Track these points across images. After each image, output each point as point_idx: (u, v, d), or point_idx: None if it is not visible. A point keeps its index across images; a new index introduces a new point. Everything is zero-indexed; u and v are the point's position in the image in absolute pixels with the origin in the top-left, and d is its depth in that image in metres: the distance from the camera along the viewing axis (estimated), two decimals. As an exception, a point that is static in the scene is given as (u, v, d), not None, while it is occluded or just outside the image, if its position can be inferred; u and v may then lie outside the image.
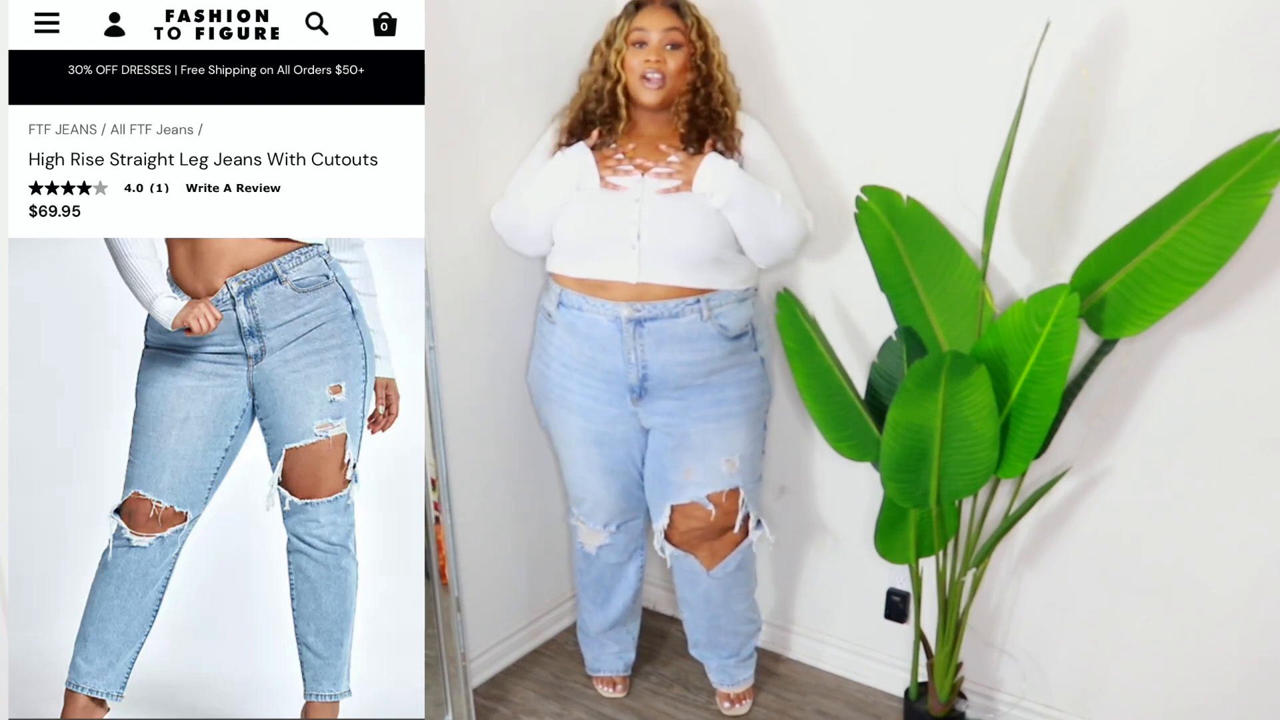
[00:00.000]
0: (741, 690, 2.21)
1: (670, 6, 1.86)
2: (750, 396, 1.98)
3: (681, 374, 1.91)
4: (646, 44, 1.85)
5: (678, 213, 1.85)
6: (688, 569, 2.07)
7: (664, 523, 2.02)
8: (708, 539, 2.03)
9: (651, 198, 1.85)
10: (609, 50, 1.89)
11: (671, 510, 2.00)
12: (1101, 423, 1.86)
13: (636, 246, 1.84)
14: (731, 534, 2.03)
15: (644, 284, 1.86)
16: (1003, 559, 2.05)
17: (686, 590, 2.12)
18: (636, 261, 1.85)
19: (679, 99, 1.88)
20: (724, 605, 2.11)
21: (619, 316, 1.87)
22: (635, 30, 1.85)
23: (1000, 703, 2.14)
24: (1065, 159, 1.77)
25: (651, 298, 1.87)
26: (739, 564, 2.07)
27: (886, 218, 1.86)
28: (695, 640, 2.20)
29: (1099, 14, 1.68)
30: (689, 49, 1.86)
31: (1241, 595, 1.81)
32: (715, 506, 1.98)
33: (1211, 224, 1.57)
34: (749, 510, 2.02)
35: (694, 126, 1.88)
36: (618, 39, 1.87)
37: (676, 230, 1.84)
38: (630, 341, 1.88)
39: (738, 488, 1.99)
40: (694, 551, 2.04)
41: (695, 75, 1.88)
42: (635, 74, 1.86)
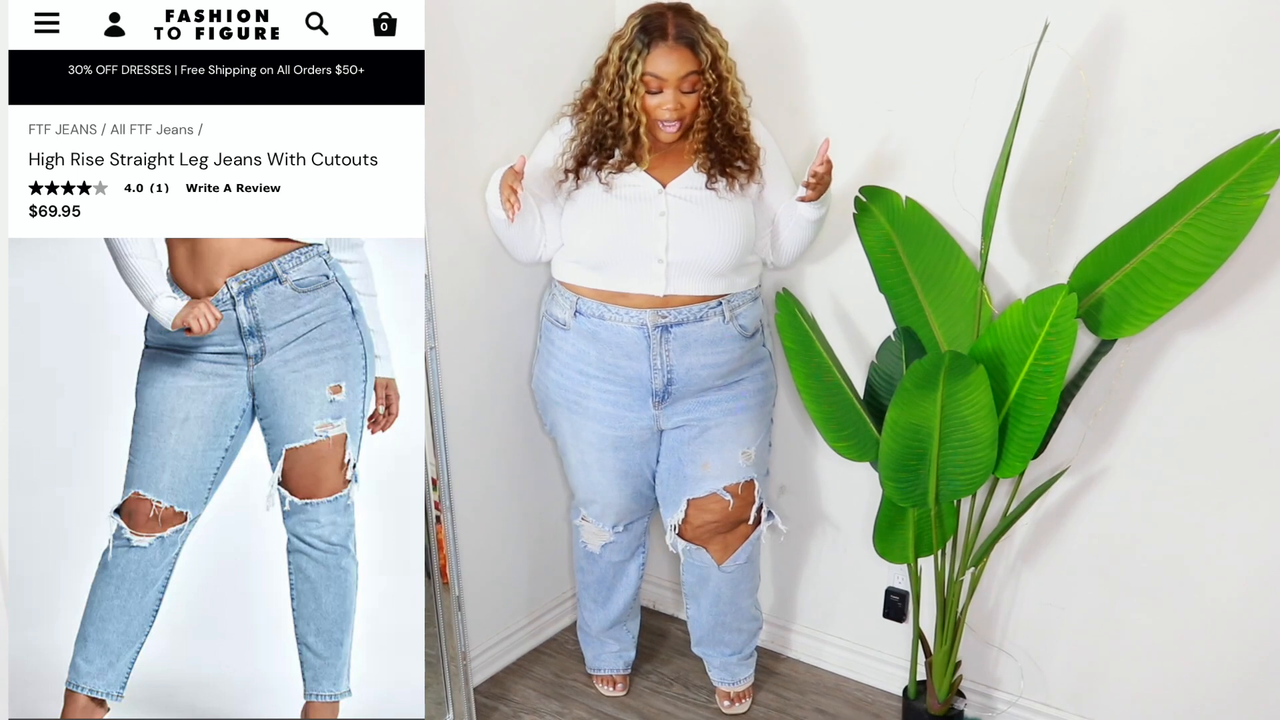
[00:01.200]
0: (742, 689, 2.21)
1: (686, 44, 1.76)
2: (762, 390, 2.01)
3: (706, 376, 1.92)
4: (662, 90, 1.77)
5: (703, 224, 1.85)
6: (699, 564, 2.07)
7: (679, 517, 2.02)
8: (721, 532, 2.03)
9: (677, 211, 1.85)
10: (622, 86, 1.78)
11: (688, 504, 2.01)
12: (1099, 422, 1.87)
13: (664, 260, 1.84)
14: (743, 526, 2.04)
15: (669, 295, 1.87)
16: (1001, 558, 2.06)
17: (695, 586, 2.12)
18: (664, 275, 1.85)
19: (696, 125, 1.83)
20: (731, 602, 2.12)
21: (644, 324, 1.87)
22: (649, 75, 1.77)
23: (999, 701, 2.14)
24: (1063, 160, 1.77)
25: (676, 304, 1.88)
26: (748, 557, 2.08)
27: (885, 218, 1.86)
28: (699, 638, 2.20)
29: (1097, 15, 1.69)
30: (704, 87, 1.79)
31: (1239, 594, 1.82)
32: (733, 497, 1.99)
33: (1209, 225, 1.58)
34: (761, 501, 2.03)
35: (713, 150, 1.84)
36: (630, 76, 1.77)
37: (704, 242, 1.84)
38: (657, 347, 1.88)
39: (753, 479, 2.01)
40: (706, 546, 2.04)
41: (710, 112, 1.81)
42: (650, 115, 1.80)
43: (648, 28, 1.77)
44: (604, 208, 1.86)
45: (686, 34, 1.76)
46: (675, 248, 1.84)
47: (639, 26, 1.78)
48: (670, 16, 1.78)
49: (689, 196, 1.86)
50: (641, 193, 1.86)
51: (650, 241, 1.84)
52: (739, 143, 1.85)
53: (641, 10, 1.81)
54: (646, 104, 1.79)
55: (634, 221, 1.84)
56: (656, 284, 1.86)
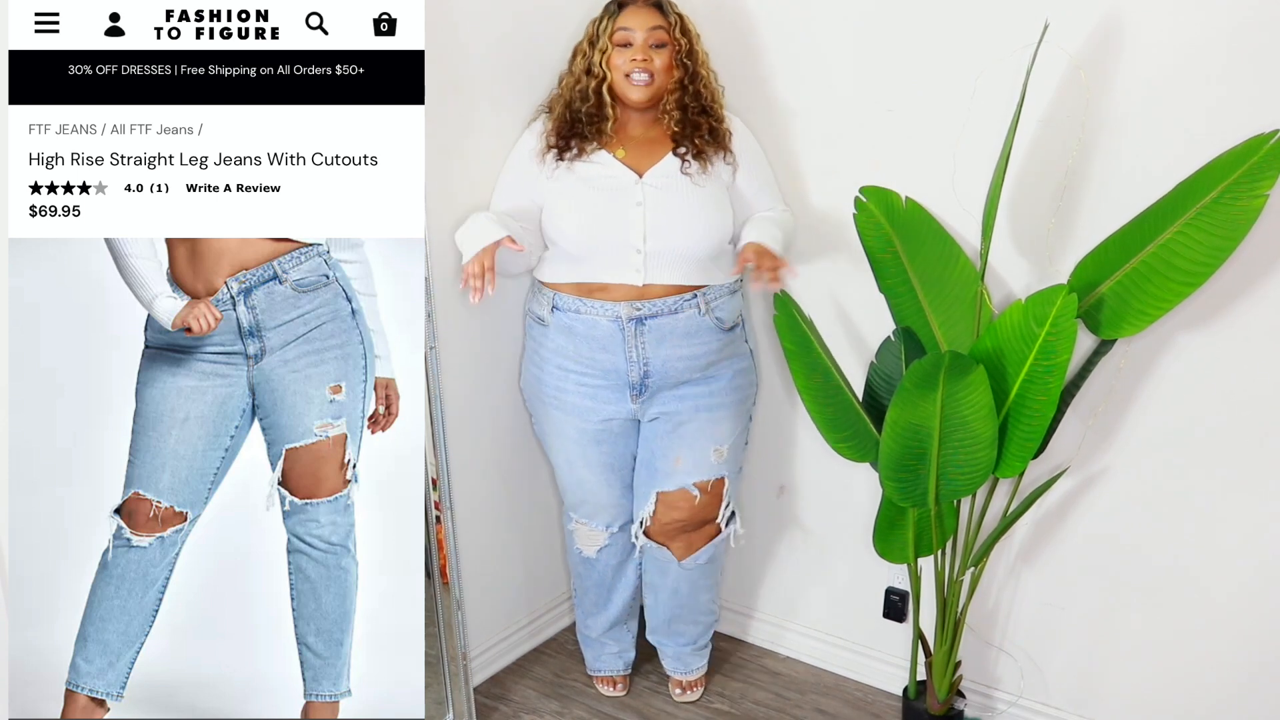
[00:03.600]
0: (694, 678, 2.24)
1: (653, 5, 1.85)
2: (741, 388, 2.02)
3: (682, 369, 1.93)
4: (631, 44, 1.84)
5: (681, 213, 1.86)
6: (659, 559, 2.09)
7: (649, 510, 2.03)
8: (686, 531, 2.05)
9: (654, 201, 1.86)
10: (592, 50, 1.87)
11: (657, 498, 2.02)
12: (1099, 422, 1.87)
13: (642, 250, 1.85)
14: (709, 527, 2.05)
15: (647, 285, 1.87)
16: (1001, 558, 2.06)
17: (655, 578, 2.14)
18: (642, 265, 1.86)
19: (667, 97, 1.88)
20: (690, 596, 2.14)
21: (619, 316, 1.88)
22: (619, 30, 1.84)
23: (999, 701, 2.14)
24: (1063, 160, 1.77)
25: (652, 296, 1.88)
26: (710, 557, 2.10)
27: (885, 218, 1.86)
28: (654, 626, 2.22)
29: (1096, 16, 1.69)
30: (674, 47, 1.86)
31: (1238, 594, 1.82)
32: (701, 493, 2.00)
33: (1209, 225, 1.58)
34: (730, 501, 2.04)
35: (685, 124, 1.88)
36: (601, 38, 1.85)
37: (681, 231, 1.86)
38: (632, 340, 1.89)
39: (723, 477, 2.02)
40: (669, 544, 2.06)
41: (682, 73, 1.87)
42: (621, 73, 1.85)
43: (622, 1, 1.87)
44: (581, 200, 1.87)
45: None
46: (653, 237, 1.85)
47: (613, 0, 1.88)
48: None
49: (665, 185, 1.87)
50: (618, 183, 1.87)
51: (627, 232, 1.85)
52: (710, 117, 1.88)
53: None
54: (614, 61, 1.85)
55: (611, 212, 1.86)
56: (634, 274, 1.86)
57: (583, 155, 1.89)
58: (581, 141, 1.89)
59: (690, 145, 1.88)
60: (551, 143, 1.91)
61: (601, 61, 1.85)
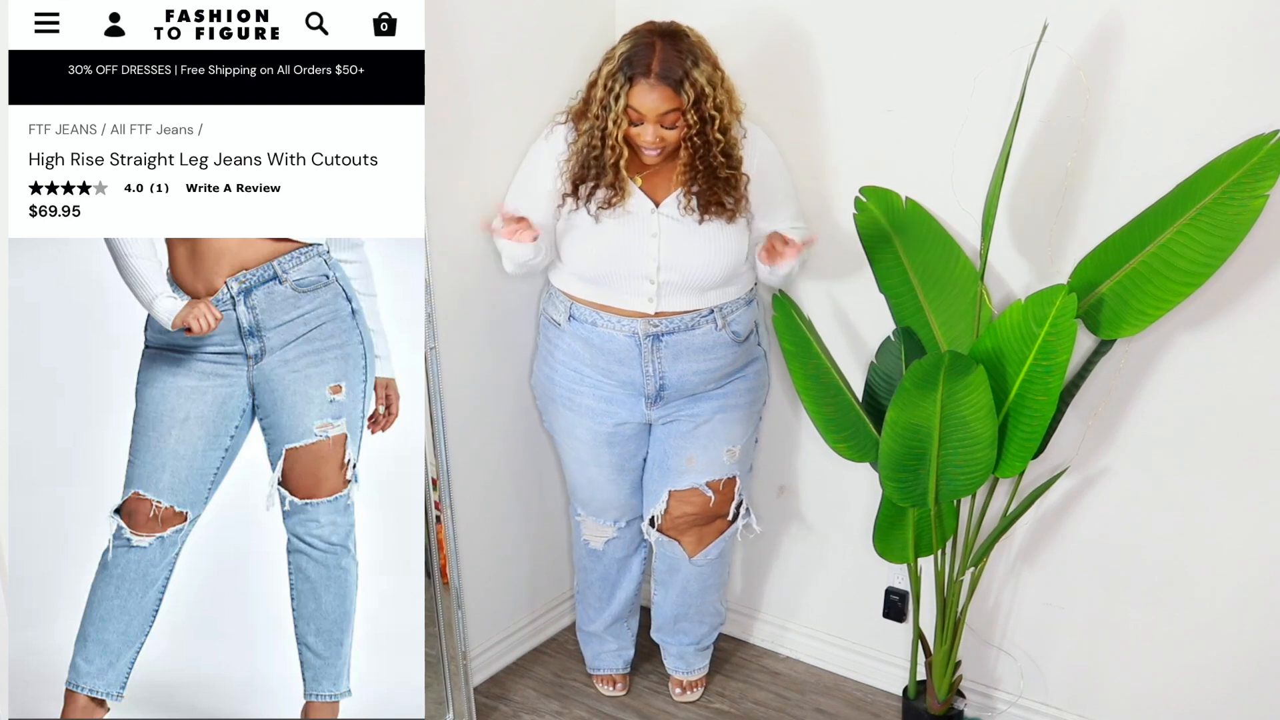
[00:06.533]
0: (696, 678, 2.24)
1: (668, 83, 1.72)
2: (753, 389, 2.03)
3: (698, 382, 1.95)
4: (643, 123, 1.76)
5: (695, 246, 1.85)
6: (670, 555, 2.10)
7: (660, 508, 2.04)
8: (697, 525, 2.05)
9: (669, 231, 1.85)
10: (605, 116, 1.76)
11: (669, 496, 2.02)
12: (1099, 422, 1.87)
13: (656, 280, 1.86)
14: (719, 521, 2.06)
15: (660, 312, 1.88)
16: (1001, 558, 2.06)
17: (665, 575, 2.14)
18: (655, 294, 1.87)
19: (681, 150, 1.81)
20: (699, 595, 2.14)
21: (636, 332, 1.89)
22: (631, 109, 1.75)
23: (998, 701, 2.14)
24: (1063, 160, 1.77)
25: (667, 314, 1.89)
26: (720, 553, 2.11)
27: (885, 218, 1.86)
28: (659, 624, 2.22)
29: (1096, 15, 1.69)
30: (685, 127, 1.76)
31: (1238, 594, 1.82)
32: (714, 493, 2.02)
33: (1209, 225, 1.58)
34: (741, 498, 2.06)
35: (694, 187, 1.82)
36: (614, 108, 1.74)
37: (694, 263, 1.86)
38: (649, 355, 1.91)
39: (735, 476, 2.03)
40: (680, 538, 2.07)
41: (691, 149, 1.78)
42: (633, 141, 1.79)
43: (633, 59, 1.72)
44: (598, 229, 1.86)
45: (670, 73, 1.72)
46: (666, 269, 1.86)
47: (625, 56, 1.73)
48: (658, 48, 1.72)
49: (681, 216, 1.85)
50: (635, 213, 1.86)
51: (642, 262, 1.86)
52: (723, 183, 1.81)
53: (633, 33, 1.77)
54: (629, 132, 1.78)
55: (627, 244, 1.86)
56: (648, 303, 1.88)
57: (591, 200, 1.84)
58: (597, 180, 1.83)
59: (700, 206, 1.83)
60: (568, 190, 1.85)
61: (615, 133, 1.77)
